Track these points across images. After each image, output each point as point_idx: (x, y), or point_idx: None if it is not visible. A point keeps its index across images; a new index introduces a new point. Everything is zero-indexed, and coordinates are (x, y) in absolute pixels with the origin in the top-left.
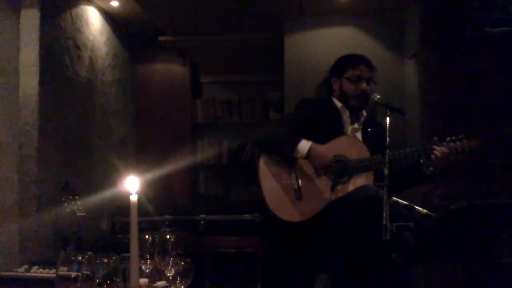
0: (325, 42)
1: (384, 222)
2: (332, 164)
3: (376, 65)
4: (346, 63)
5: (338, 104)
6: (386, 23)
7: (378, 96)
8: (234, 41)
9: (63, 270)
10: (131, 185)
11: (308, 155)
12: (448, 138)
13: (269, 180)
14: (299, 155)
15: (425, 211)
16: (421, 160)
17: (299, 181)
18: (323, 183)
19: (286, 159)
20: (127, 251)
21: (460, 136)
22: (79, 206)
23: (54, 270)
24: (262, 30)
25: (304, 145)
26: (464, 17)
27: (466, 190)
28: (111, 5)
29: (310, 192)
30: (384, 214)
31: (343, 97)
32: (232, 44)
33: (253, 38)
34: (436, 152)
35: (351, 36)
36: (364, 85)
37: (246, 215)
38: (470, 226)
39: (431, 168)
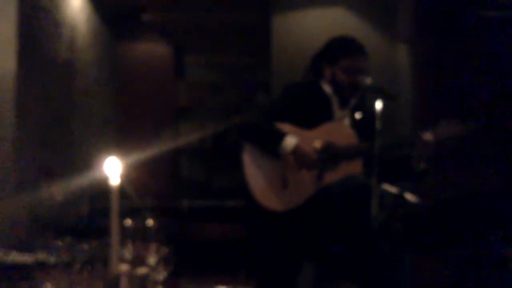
0: (315, 23)
1: (372, 211)
2: (315, 164)
3: (367, 48)
4: (340, 49)
5: (328, 89)
6: (378, 4)
7: (369, 80)
8: (219, 20)
9: (41, 256)
10: (112, 167)
11: (293, 153)
12: (441, 122)
13: (254, 167)
14: (283, 152)
15: (416, 200)
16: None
17: (285, 169)
18: (310, 171)
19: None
20: (108, 236)
21: (454, 120)
22: (58, 190)
23: (32, 255)
24: (248, 9)
25: (289, 142)
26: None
27: (459, 179)
28: None
29: (296, 181)
30: (373, 203)
31: (335, 86)
32: (218, 24)
33: (239, 16)
34: (424, 139)
35: (342, 17)
36: (360, 77)
37: (230, 202)
38: (462, 217)
39: (422, 164)
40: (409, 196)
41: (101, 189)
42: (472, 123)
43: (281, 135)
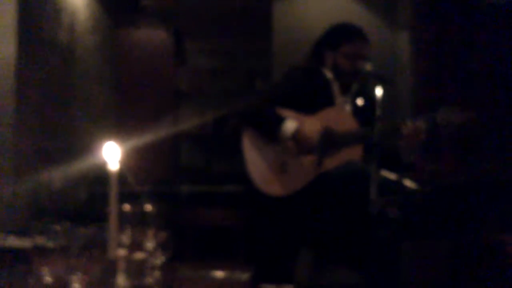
0: (316, 9)
1: (371, 198)
2: (315, 149)
3: (367, 33)
4: (342, 35)
5: (329, 75)
6: None
7: (370, 66)
8: (220, 5)
9: (39, 240)
10: (111, 153)
11: (293, 137)
12: (441, 109)
13: (253, 152)
14: (283, 136)
15: (415, 186)
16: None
17: (285, 154)
18: (309, 156)
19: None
20: (106, 221)
21: (455, 107)
22: (57, 175)
23: (30, 240)
24: None
25: (289, 126)
26: None
27: (458, 165)
28: None
29: (295, 166)
30: (372, 189)
31: (336, 71)
32: (218, 9)
33: (240, 2)
34: (414, 127)
35: (343, 3)
36: (361, 63)
37: (229, 187)
38: (460, 204)
39: (411, 155)
40: (408, 183)
41: (100, 174)
42: (472, 111)
43: (281, 119)
